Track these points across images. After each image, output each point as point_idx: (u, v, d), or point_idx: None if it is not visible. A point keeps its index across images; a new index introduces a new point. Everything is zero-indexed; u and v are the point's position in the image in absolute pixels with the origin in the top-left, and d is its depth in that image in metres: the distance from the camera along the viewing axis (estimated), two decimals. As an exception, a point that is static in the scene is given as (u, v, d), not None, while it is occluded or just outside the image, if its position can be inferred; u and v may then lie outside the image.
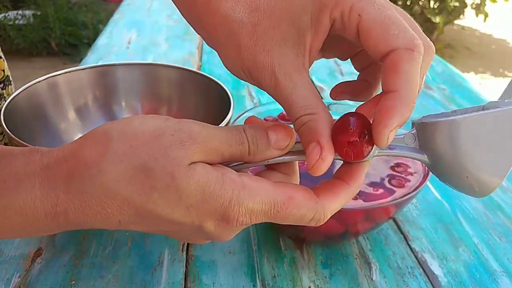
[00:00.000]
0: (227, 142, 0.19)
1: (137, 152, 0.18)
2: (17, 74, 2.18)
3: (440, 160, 0.21)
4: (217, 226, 0.19)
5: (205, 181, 0.18)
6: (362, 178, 0.21)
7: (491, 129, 0.20)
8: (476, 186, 0.21)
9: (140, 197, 0.18)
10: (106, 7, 2.80)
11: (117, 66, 0.42)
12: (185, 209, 0.18)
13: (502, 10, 3.29)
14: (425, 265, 0.34)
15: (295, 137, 0.21)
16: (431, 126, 0.21)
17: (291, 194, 0.19)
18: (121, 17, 0.92)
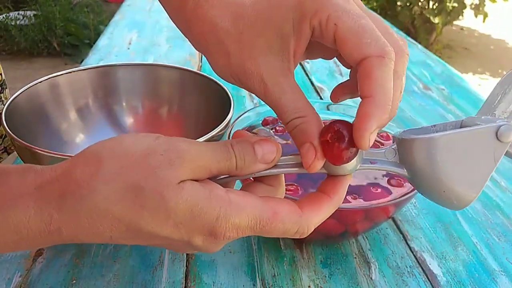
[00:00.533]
0: (215, 159, 0.20)
1: (127, 172, 0.19)
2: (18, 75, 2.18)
3: (419, 174, 0.22)
4: (205, 240, 0.20)
5: (193, 199, 0.19)
6: (343, 191, 0.22)
7: (466, 146, 0.21)
8: (453, 199, 0.22)
9: (130, 216, 0.19)
10: (107, 8, 2.81)
11: (118, 66, 0.43)
12: (174, 227, 0.19)
13: (501, 10, 3.29)
14: (424, 265, 0.34)
15: (281, 151, 0.21)
16: (410, 142, 0.22)
17: (276, 209, 0.20)
18: (122, 18, 0.92)
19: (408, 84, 0.68)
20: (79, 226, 0.19)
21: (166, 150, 0.19)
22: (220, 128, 0.32)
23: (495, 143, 0.21)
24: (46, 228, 0.19)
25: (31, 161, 0.31)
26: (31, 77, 2.04)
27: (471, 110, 0.61)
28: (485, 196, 0.42)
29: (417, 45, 0.88)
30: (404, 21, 2.80)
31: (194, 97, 0.42)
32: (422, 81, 0.69)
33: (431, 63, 0.78)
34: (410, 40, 0.90)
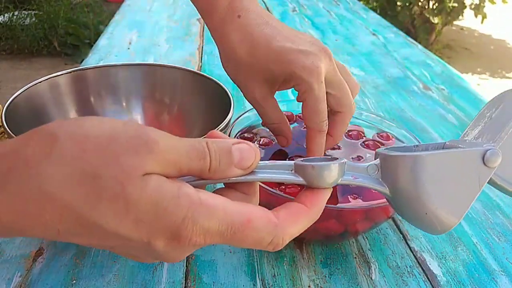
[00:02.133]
0: (187, 155, 0.18)
1: (86, 156, 0.16)
2: (18, 75, 2.19)
3: (401, 193, 0.21)
4: (167, 245, 0.18)
5: (158, 195, 0.17)
6: (323, 203, 0.21)
7: (452, 168, 0.21)
8: (434, 223, 0.21)
9: (83, 205, 0.16)
10: (107, 8, 2.81)
11: (118, 66, 0.43)
12: (133, 223, 0.17)
13: (501, 10, 3.29)
14: (424, 265, 0.34)
15: (259, 157, 0.20)
16: (395, 159, 0.21)
17: (250, 216, 0.18)
18: (122, 18, 0.92)
19: (408, 84, 0.68)
20: (22, 212, 0.16)
21: (133, 137, 0.17)
22: (220, 128, 0.32)
23: (480, 168, 0.21)
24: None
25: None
26: (31, 77, 2.04)
27: (471, 110, 0.61)
28: (485, 196, 0.42)
29: (417, 45, 0.88)
30: (404, 21, 2.80)
31: (194, 97, 0.42)
32: (422, 81, 0.69)
33: (431, 63, 0.78)
34: (410, 40, 0.90)
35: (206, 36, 0.83)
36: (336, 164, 0.20)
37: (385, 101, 0.62)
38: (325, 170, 0.20)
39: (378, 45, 0.85)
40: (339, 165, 0.20)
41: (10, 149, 0.17)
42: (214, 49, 0.77)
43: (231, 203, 0.18)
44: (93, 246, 0.19)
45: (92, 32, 2.42)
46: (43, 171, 0.16)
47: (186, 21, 0.91)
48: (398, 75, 0.71)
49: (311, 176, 0.20)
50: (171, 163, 0.18)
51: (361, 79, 0.68)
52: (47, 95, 0.39)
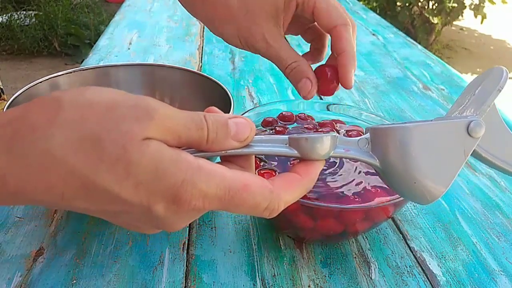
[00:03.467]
0: (185, 125, 0.19)
1: (88, 121, 0.17)
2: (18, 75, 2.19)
3: (390, 165, 0.22)
4: (167, 209, 0.18)
5: (158, 158, 0.17)
6: (316, 174, 0.22)
7: (438, 138, 0.22)
8: (423, 192, 0.22)
9: (87, 168, 0.17)
10: (108, 8, 2.81)
11: (118, 66, 0.43)
12: (133, 186, 0.17)
13: (500, 11, 3.29)
14: (423, 264, 0.34)
15: (255, 130, 0.21)
16: (383, 131, 0.22)
17: (246, 182, 0.19)
18: (122, 18, 0.92)
19: (408, 84, 0.68)
20: (27, 175, 0.17)
21: (133, 106, 0.18)
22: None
23: (465, 138, 0.22)
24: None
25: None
26: (31, 77, 2.04)
27: (470, 110, 0.61)
28: (484, 196, 0.42)
29: (417, 45, 0.88)
30: (403, 21, 2.80)
31: (194, 97, 0.42)
32: (421, 81, 0.69)
33: (431, 63, 0.78)
34: (410, 40, 0.90)
35: (206, 36, 0.83)
36: (328, 136, 0.21)
37: (385, 101, 0.62)
38: (318, 143, 0.21)
39: (378, 45, 0.85)
40: (331, 138, 0.21)
41: (15, 115, 0.17)
42: (214, 49, 0.77)
43: (229, 170, 0.19)
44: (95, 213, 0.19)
45: (92, 33, 2.43)
46: (48, 135, 0.17)
47: (186, 21, 0.91)
48: (398, 75, 0.71)
49: (304, 148, 0.21)
50: (170, 130, 0.18)
51: (361, 79, 0.68)
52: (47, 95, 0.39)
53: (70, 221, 0.36)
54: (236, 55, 0.75)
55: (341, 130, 0.39)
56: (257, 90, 0.62)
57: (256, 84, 0.64)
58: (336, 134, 0.22)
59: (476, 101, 0.23)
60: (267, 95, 0.61)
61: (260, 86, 0.63)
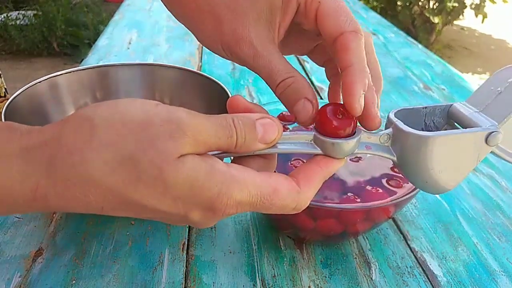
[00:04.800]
0: (216, 135, 0.19)
1: (124, 141, 0.17)
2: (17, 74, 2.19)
3: (407, 162, 0.23)
4: (203, 216, 0.19)
5: (194, 174, 0.18)
6: (335, 169, 0.22)
7: (456, 146, 0.23)
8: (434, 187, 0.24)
9: (125, 188, 0.17)
10: (107, 8, 2.81)
11: (118, 66, 0.43)
12: (171, 200, 0.18)
13: (501, 10, 3.29)
14: (424, 265, 0.34)
15: (282, 131, 0.21)
16: (405, 135, 0.23)
17: (276, 186, 0.20)
18: (121, 18, 0.92)
19: (409, 84, 0.68)
20: (68, 195, 0.18)
21: (166, 121, 0.18)
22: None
23: (482, 146, 0.23)
24: (31, 194, 0.17)
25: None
26: (30, 77, 2.04)
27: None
28: (485, 196, 0.42)
29: (418, 45, 0.88)
30: (404, 21, 2.80)
31: (194, 97, 0.42)
32: (422, 81, 0.69)
33: (432, 63, 0.78)
34: (411, 40, 0.90)
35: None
36: (354, 140, 0.22)
37: (386, 101, 0.62)
38: (344, 146, 0.22)
39: (378, 45, 0.84)
40: (356, 141, 0.22)
41: (51, 137, 0.18)
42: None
43: (259, 175, 0.20)
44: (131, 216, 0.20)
45: (91, 32, 2.42)
46: (85, 158, 0.17)
47: (186, 21, 0.91)
48: (399, 75, 0.71)
49: (329, 149, 0.22)
50: (201, 143, 0.19)
51: (361, 79, 0.68)
52: (47, 95, 0.39)
53: (70, 221, 0.36)
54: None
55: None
56: (257, 90, 0.62)
57: (256, 84, 0.64)
58: (361, 134, 0.22)
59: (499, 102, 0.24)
60: (267, 95, 0.61)
61: (260, 86, 0.63)
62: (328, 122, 0.21)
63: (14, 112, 0.34)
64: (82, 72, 0.41)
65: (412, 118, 0.25)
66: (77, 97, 0.41)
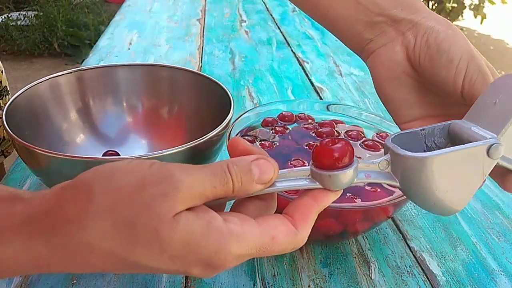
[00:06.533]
0: (211, 185, 0.19)
1: (120, 207, 0.18)
2: (18, 75, 2.18)
3: (410, 186, 0.23)
4: (204, 270, 0.20)
5: (189, 233, 0.18)
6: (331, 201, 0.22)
7: (458, 163, 0.22)
8: (442, 209, 0.23)
9: (123, 252, 0.18)
10: (108, 8, 2.81)
11: (118, 67, 0.43)
12: (169, 260, 0.19)
13: (500, 11, 3.29)
14: (423, 264, 0.34)
15: (278, 170, 0.21)
16: (403, 159, 0.22)
17: (274, 234, 0.20)
18: (122, 18, 0.92)
19: (408, 85, 0.68)
20: (68, 261, 0.19)
21: (159, 182, 0.19)
22: (220, 128, 0.32)
23: (485, 159, 0.22)
24: (34, 262, 0.19)
25: (32, 161, 0.31)
26: (31, 78, 2.04)
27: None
28: (484, 196, 0.42)
29: (417, 45, 0.88)
30: (404, 22, 2.79)
31: (194, 97, 0.42)
32: (422, 82, 0.69)
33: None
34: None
35: (206, 36, 0.83)
36: (351, 170, 0.21)
37: (385, 101, 0.62)
38: (341, 177, 0.21)
39: (378, 46, 0.85)
40: (353, 170, 0.21)
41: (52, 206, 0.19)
42: (214, 49, 0.77)
43: (256, 227, 0.20)
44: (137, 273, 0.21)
45: (92, 33, 2.43)
46: (83, 226, 0.18)
47: (186, 21, 0.91)
48: (398, 75, 0.71)
49: (327, 182, 0.21)
50: (197, 196, 0.19)
51: (361, 79, 0.68)
52: (48, 96, 0.39)
53: (70, 221, 0.36)
54: (236, 55, 0.75)
55: (341, 130, 0.39)
56: (257, 90, 0.62)
57: (256, 84, 0.64)
58: (358, 161, 0.22)
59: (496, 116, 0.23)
60: (267, 95, 0.61)
61: (260, 86, 0.63)
62: (323, 153, 0.21)
63: (15, 112, 0.34)
64: (83, 73, 0.41)
65: (412, 142, 0.24)
66: (78, 98, 0.41)
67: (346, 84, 0.66)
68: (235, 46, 0.79)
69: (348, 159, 0.21)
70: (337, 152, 0.21)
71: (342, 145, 0.21)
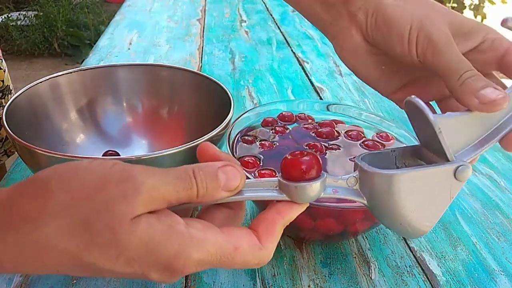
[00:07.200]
0: (174, 189, 0.19)
1: (78, 205, 0.18)
2: (18, 75, 2.19)
3: (377, 204, 0.23)
4: (162, 275, 0.19)
5: (148, 236, 0.18)
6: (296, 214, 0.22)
7: (425, 183, 0.22)
8: (408, 230, 0.23)
9: (80, 252, 0.18)
10: (108, 8, 2.81)
11: (118, 67, 0.43)
12: (126, 263, 0.18)
13: (500, 11, 3.29)
14: (423, 264, 0.34)
15: (245, 177, 0.21)
16: (371, 175, 0.22)
17: (237, 244, 0.20)
18: (122, 18, 0.92)
19: (408, 85, 0.68)
20: (22, 260, 0.18)
21: (120, 182, 0.18)
22: (220, 128, 0.32)
23: (452, 181, 0.22)
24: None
25: (32, 161, 0.31)
26: (31, 78, 2.05)
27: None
28: (484, 196, 0.42)
29: (417, 45, 0.88)
30: (404, 22, 2.79)
31: (194, 97, 0.42)
32: (422, 82, 0.69)
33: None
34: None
35: (206, 36, 0.83)
36: (318, 183, 0.21)
37: (385, 101, 0.62)
38: (307, 190, 0.21)
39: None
40: (320, 183, 0.21)
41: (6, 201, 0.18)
42: (214, 49, 0.77)
43: (219, 234, 0.20)
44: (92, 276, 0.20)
45: (92, 33, 2.43)
46: (39, 225, 0.17)
47: (186, 21, 0.91)
48: (398, 75, 0.71)
49: (293, 194, 0.21)
50: (158, 199, 0.19)
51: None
52: (48, 96, 0.39)
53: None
54: (236, 55, 0.75)
55: (341, 130, 0.39)
56: (257, 90, 0.62)
57: (256, 84, 0.64)
58: (326, 176, 0.22)
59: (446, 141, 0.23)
60: (267, 95, 0.61)
61: (260, 86, 0.63)
62: (291, 164, 0.21)
63: (15, 112, 0.34)
64: (83, 73, 0.41)
65: (383, 163, 0.24)
66: (78, 98, 0.41)
67: (346, 84, 0.66)
68: (235, 46, 0.79)
69: (316, 172, 0.21)
70: (305, 164, 0.21)
71: (310, 158, 0.21)
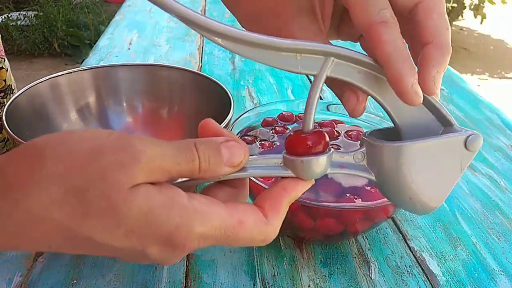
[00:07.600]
0: (175, 161, 0.18)
1: (72, 174, 0.16)
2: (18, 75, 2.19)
3: (386, 180, 0.22)
4: (162, 251, 0.18)
5: (148, 205, 0.17)
6: (302, 191, 0.21)
7: (435, 155, 0.21)
8: (417, 206, 0.22)
9: (72, 223, 0.16)
10: (108, 8, 2.81)
11: (118, 67, 0.43)
12: (124, 234, 0.17)
13: (500, 11, 3.29)
14: (423, 264, 0.34)
15: (248, 153, 0.20)
16: (379, 148, 0.21)
17: (242, 219, 0.19)
18: (122, 18, 0.92)
19: (408, 85, 0.68)
20: (11, 233, 0.17)
21: (117, 149, 0.17)
22: (220, 128, 0.32)
23: (463, 152, 0.21)
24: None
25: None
26: (31, 78, 2.05)
27: (470, 111, 0.61)
28: (484, 196, 0.42)
29: (417, 45, 0.88)
30: (404, 22, 2.79)
31: (194, 97, 0.42)
32: (421, 82, 0.69)
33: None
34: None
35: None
36: (324, 157, 0.20)
37: (385, 101, 0.62)
38: (313, 165, 0.20)
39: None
40: (327, 158, 0.21)
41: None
42: (214, 49, 0.77)
43: (223, 208, 0.19)
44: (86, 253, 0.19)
45: (92, 33, 2.43)
46: (28, 193, 0.16)
47: (186, 21, 0.91)
48: (398, 75, 0.71)
49: (299, 169, 0.20)
50: (159, 170, 0.17)
51: (361, 80, 0.68)
52: (48, 96, 0.39)
53: (70, 221, 0.36)
54: (236, 55, 0.75)
55: (341, 130, 0.39)
56: (257, 90, 0.62)
57: (256, 84, 0.64)
58: (332, 151, 0.21)
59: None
60: (267, 95, 0.61)
61: (260, 86, 0.63)
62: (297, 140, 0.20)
63: (15, 112, 0.34)
64: (83, 73, 0.41)
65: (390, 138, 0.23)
66: (78, 98, 0.41)
67: (346, 84, 0.66)
68: (235, 46, 0.79)
69: (322, 147, 0.20)
70: (311, 140, 0.20)
71: (316, 133, 0.21)
